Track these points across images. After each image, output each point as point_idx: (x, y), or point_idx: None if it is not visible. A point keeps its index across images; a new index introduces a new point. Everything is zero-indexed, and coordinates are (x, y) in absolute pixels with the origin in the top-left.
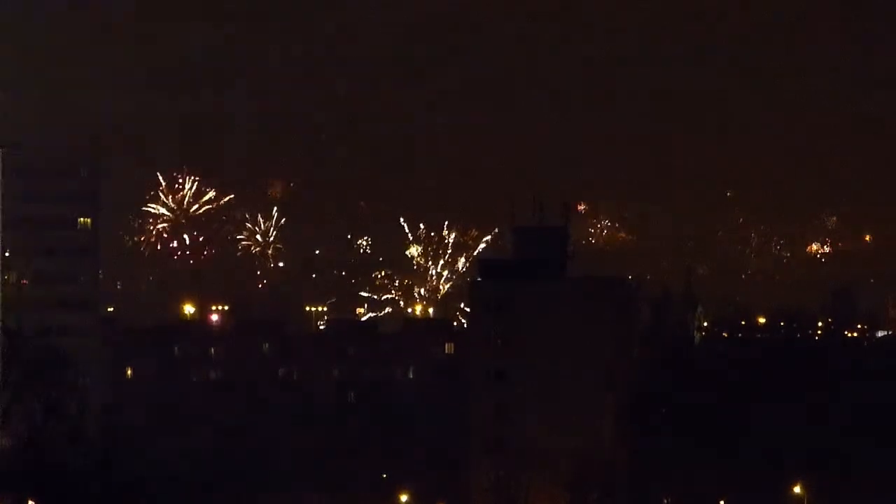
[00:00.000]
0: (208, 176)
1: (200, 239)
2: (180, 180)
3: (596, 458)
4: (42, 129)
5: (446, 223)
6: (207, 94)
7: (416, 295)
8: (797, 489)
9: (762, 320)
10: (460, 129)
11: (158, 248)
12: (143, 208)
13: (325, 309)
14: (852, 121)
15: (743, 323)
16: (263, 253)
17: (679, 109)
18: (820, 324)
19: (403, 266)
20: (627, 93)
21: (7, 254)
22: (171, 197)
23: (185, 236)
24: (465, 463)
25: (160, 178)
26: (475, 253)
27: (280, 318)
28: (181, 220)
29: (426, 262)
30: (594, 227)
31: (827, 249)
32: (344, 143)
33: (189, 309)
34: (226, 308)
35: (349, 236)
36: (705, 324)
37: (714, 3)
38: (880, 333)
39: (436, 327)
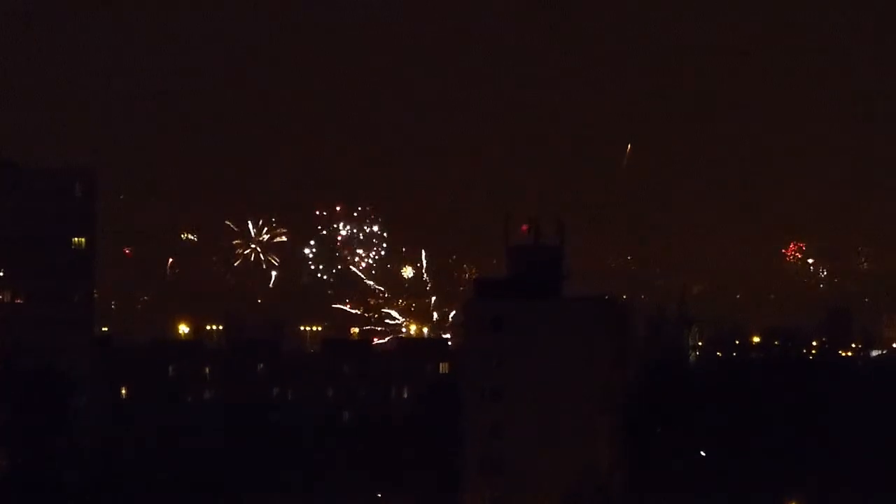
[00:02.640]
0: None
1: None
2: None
3: (592, 478)
4: (38, 149)
5: (423, 254)
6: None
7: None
8: None
9: (757, 339)
10: (454, 148)
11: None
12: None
13: (320, 329)
14: (847, 138)
15: (737, 342)
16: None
17: (669, 124)
18: (815, 343)
19: (396, 286)
20: (617, 108)
21: (2, 273)
22: None
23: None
24: (461, 482)
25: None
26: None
27: (274, 338)
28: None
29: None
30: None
31: (823, 269)
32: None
33: (184, 328)
34: (220, 327)
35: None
36: (700, 343)
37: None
38: (875, 353)
39: (430, 346)
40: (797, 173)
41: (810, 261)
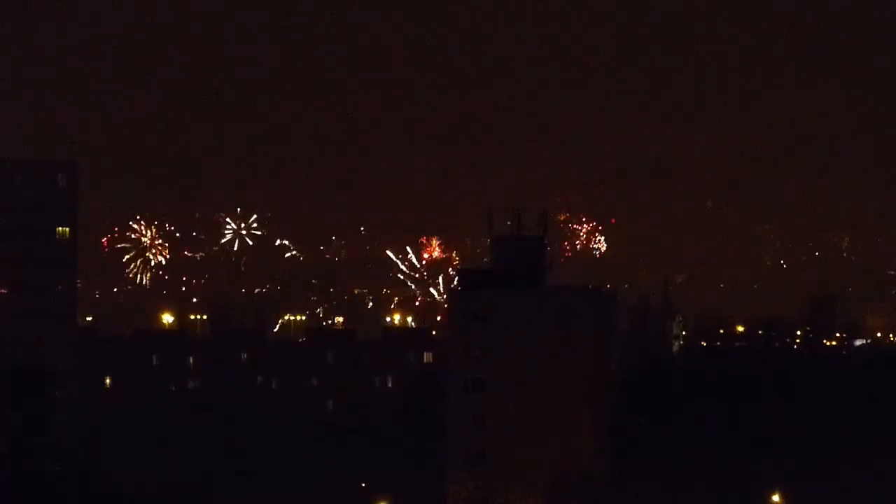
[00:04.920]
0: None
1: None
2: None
3: (575, 469)
4: (21, 139)
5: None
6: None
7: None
8: (776, 497)
9: (741, 329)
10: (442, 136)
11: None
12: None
13: (304, 318)
14: (832, 129)
15: (722, 332)
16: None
17: (660, 118)
18: (799, 332)
19: (381, 275)
20: (604, 102)
21: None
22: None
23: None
24: (444, 473)
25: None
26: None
27: (258, 327)
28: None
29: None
30: (574, 236)
31: (806, 258)
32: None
33: (168, 318)
34: (204, 317)
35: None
36: (684, 332)
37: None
38: (858, 342)
39: (414, 336)
40: (783, 162)
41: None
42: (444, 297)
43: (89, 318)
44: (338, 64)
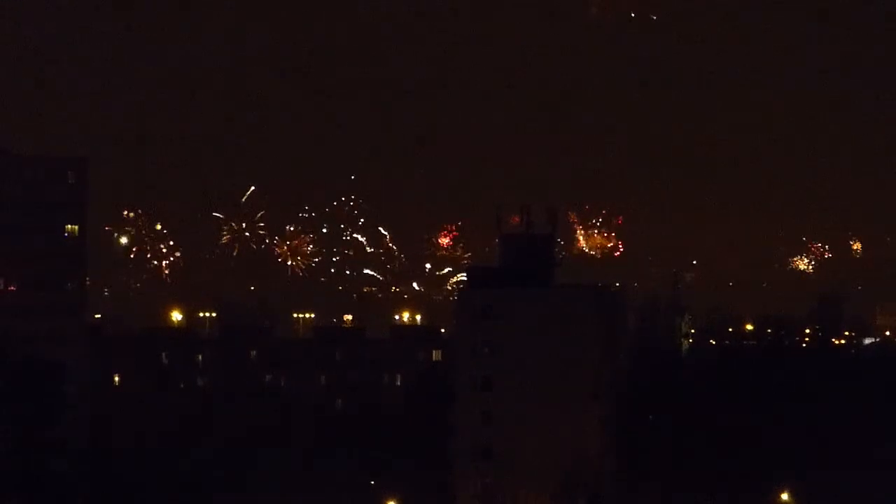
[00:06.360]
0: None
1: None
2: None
3: (583, 466)
4: (30, 136)
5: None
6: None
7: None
8: (785, 496)
9: (750, 327)
10: (451, 134)
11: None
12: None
13: (313, 315)
14: (841, 127)
15: (730, 330)
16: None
17: (667, 117)
18: (807, 331)
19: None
20: (614, 101)
21: None
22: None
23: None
24: (452, 470)
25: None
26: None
27: (267, 325)
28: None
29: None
30: (583, 234)
31: (815, 256)
32: (326, 146)
33: (177, 315)
34: (213, 315)
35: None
36: (692, 331)
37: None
38: (867, 341)
39: (423, 334)
40: (790, 161)
41: (804, 254)
42: (422, 289)
43: (98, 316)
44: (340, 62)
